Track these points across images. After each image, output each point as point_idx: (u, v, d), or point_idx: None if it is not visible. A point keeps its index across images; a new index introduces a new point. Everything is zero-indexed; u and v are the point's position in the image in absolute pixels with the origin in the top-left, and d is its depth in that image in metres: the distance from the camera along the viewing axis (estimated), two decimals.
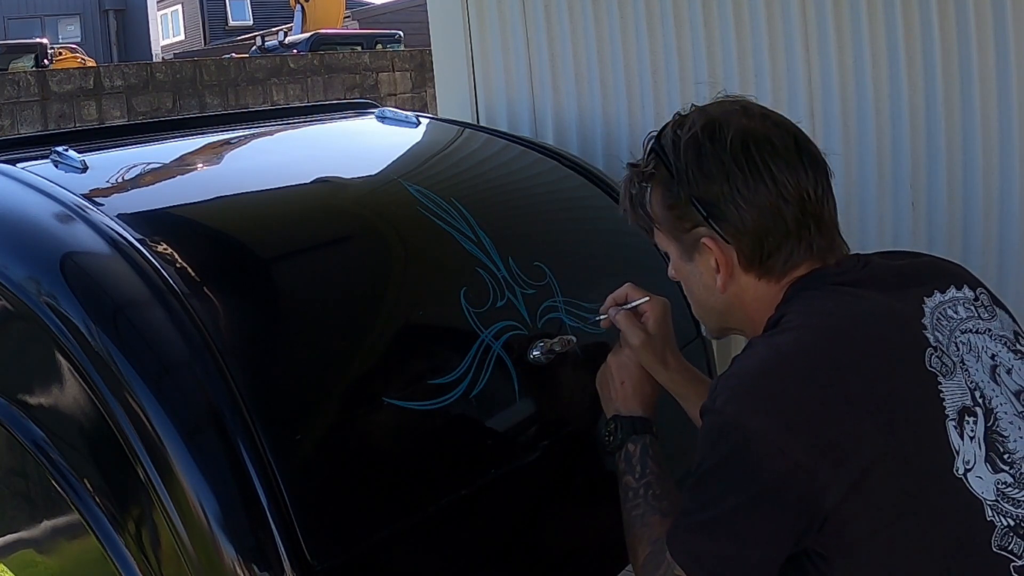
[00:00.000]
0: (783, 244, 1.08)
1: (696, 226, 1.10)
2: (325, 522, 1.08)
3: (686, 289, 1.20)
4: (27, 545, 1.30)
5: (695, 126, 1.11)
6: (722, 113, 1.12)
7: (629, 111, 2.11)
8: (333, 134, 1.92)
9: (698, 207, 1.09)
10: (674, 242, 1.15)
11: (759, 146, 1.07)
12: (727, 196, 1.07)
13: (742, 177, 1.06)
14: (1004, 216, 1.74)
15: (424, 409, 1.20)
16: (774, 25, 1.90)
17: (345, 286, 1.32)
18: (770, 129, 1.10)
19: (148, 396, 1.03)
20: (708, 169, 1.08)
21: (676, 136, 1.12)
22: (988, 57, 1.70)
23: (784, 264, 1.09)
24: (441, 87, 2.36)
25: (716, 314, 1.18)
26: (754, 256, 1.09)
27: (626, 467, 1.23)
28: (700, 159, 1.09)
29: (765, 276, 1.10)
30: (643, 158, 1.17)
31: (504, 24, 2.23)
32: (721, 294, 1.13)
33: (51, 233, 1.19)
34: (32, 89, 8.05)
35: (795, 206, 1.07)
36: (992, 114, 1.73)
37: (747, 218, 1.07)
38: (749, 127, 1.09)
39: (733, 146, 1.07)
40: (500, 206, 1.66)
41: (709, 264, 1.12)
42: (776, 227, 1.07)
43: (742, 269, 1.10)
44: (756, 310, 1.11)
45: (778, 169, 1.07)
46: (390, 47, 12.55)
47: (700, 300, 1.18)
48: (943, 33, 1.73)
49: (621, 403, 1.29)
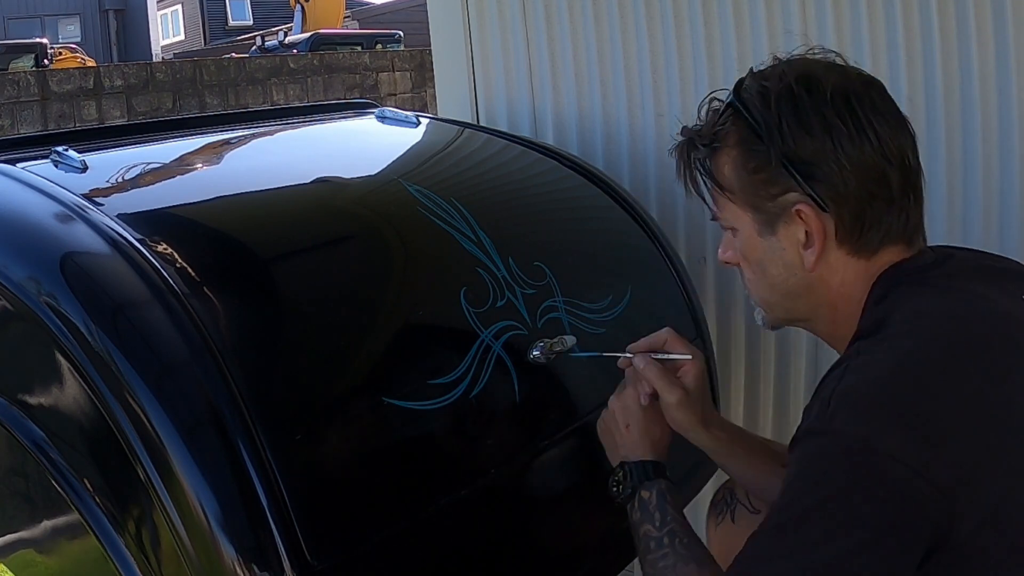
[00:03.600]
0: (885, 214, 0.96)
1: (786, 191, 0.97)
2: (325, 522, 1.07)
3: (754, 271, 1.05)
4: (27, 545, 1.30)
5: (787, 77, 0.98)
6: (815, 67, 1.00)
7: (629, 111, 2.11)
8: (333, 134, 1.92)
9: (791, 169, 0.95)
10: (751, 212, 1.01)
11: (861, 102, 0.96)
12: (828, 155, 0.94)
13: (846, 133, 0.94)
14: (1004, 216, 1.74)
15: (424, 409, 1.20)
16: (774, 25, 1.90)
17: (345, 286, 1.32)
18: (869, 87, 0.99)
19: (148, 396, 1.03)
20: (807, 122, 0.95)
21: (763, 88, 0.98)
22: (988, 57, 1.70)
23: (881, 240, 0.97)
24: (441, 87, 2.36)
25: (791, 299, 1.04)
26: (854, 227, 0.96)
27: (643, 516, 1.11)
28: (796, 112, 0.95)
29: (857, 254, 0.98)
30: (702, 121, 1.04)
31: (504, 24, 2.23)
32: (808, 273, 1.00)
33: (51, 233, 1.19)
34: (32, 89, 8.05)
35: (899, 171, 0.96)
36: (992, 114, 1.73)
37: (850, 181, 0.94)
38: (847, 83, 0.98)
39: (835, 100, 0.95)
40: (500, 206, 1.66)
41: (797, 237, 0.98)
42: (881, 193, 0.95)
43: (836, 243, 0.98)
44: (840, 296, 0.99)
45: (882, 128, 0.95)
46: (390, 47, 12.55)
47: (777, 282, 1.03)
48: (943, 33, 1.73)
49: (628, 449, 1.17)
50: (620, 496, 1.16)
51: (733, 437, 1.21)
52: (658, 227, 1.78)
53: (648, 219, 1.77)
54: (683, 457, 1.30)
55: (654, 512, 1.10)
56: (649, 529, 1.09)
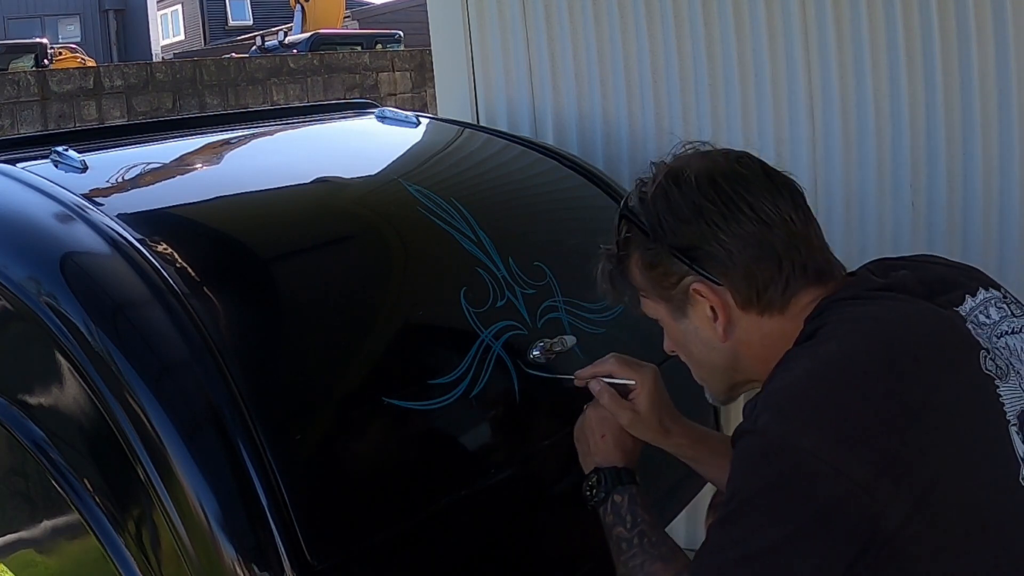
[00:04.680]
0: (776, 273, 1.02)
1: (682, 277, 1.05)
2: (325, 522, 1.07)
3: (686, 356, 1.14)
4: (27, 545, 1.30)
5: (658, 178, 1.08)
6: (681, 162, 1.09)
7: (629, 111, 2.11)
8: (333, 134, 1.92)
9: (679, 256, 1.04)
10: (663, 303, 1.10)
11: (727, 179, 1.04)
12: (706, 235, 1.02)
13: (717, 211, 1.02)
14: (1004, 216, 1.75)
15: (424, 409, 1.20)
16: (774, 25, 1.90)
17: (345, 286, 1.31)
18: (733, 163, 1.07)
19: (148, 396, 1.03)
20: (681, 213, 1.04)
21: (642, 194, 1.09)
22: (988, 57, 1.70)
23: (783, 294, 1.03)
24: (441, 87, 2.36)
25: (722, 371, 1.11)
26: (750, 291, 1.03)
27: (615, 519, 1.17)
28: (670, 205, 1.05)
29: (768, 312, 1.04)
30: (613, 237, 1.13)
31: (504, 24, 2.23)
32: (723, 344, 1.06)
33: (51, 233, 1.19)
34: (32, 89, 8.05)
35: (780, 229, 1.02)
36: (992, 114, 1.73)
37: (733, 252, 1.02)
38: (712, 166, 1.07)
39: (700, 184, 1.04)
40: (500, 206, 1.66)
41: (704, 314, 1.06)
42: (765, 255, 1.02)
43: (740, 310, 1.04)
44: (769, 349, 1.03)
45: (752, 197, 1.03)
46: (390, 47, 12.55)
47: (703, 360, 1.11)
48: (943, 33, 1.73)
49: (602, 456, 1.23)
50: (593, 500, 1.21)
51: (695, 441, 1.27)
52: None
53: None
54: (680, 462, 1.30)
55: (625, 515, 1.16)
56: (621, 531, 1.15)
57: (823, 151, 1.90)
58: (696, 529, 2.12)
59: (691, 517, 2.10)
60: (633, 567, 1.12)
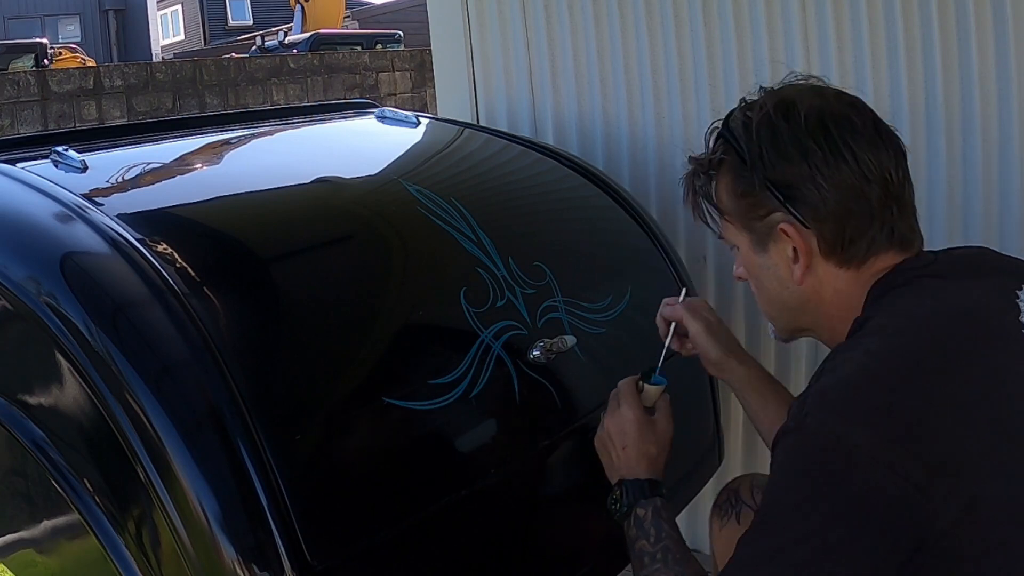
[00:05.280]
0: (867, 228, 1.01)
1: (771, 212, 1.03)
2: (325, 522, 1.08)
3: (756, 286, 1.12)
4: (27, 545, 1.30)
5: (766, 106, 1.04)
6: (795, 93, 1.06)
7: (629, 111, 2.11)
8: (333, 134, 1.92)
9: (774, 191, 1.02)
10: (745, 233, 1.08)
11: (837, 124, 1.01)
12: (806, 177, 1.00)
13: (821, 156, 0.99)
14: (1004, 216, 1.74)
15: (424, 409, 1.20)
16: (774, 25, 1.90)
17: (345, 286, 1.32)
18: (847, 108, 1.04)
19: (148, 396, 1.03)
20: (784, 149, 1.01)
21: (747, 118, 1.05)
22: (988, 57, 1.70)
23: (867, 251, 1.01)
24: (441, 87, 2.36)
25: (789, 311, 1.10)
26: (836, 241, 1.01)
27: (638, 532, 1.15)
28: (775, 139, 1.02)
29: (846, 265, 1.03)
30: (707, 149, 1.10)
31: (504, 24, 2.23)
32: (798, 286, 1.05)
33: (51, 233, 1.19)
34: (32, 89, 8.04)
35: (878, 186, 1.00)
36: (992, 114, 1.73)
37: (828, 199, 1.00)
38: (824, 106, 1.03)
39: (810, 124, 1.01)
40: (500, 206, 1.66)
41: (785, 253, 1.04)
42: (859, 209, 1.00)
43: (822, 257, 1.03)
44: (836, 305, 1.04)
45: (858, 148, 1.00)
46: (390, 47, 12.54)
47: (773, 296, 1.10)
48: (943, 33, 1.73)
49: (625, 468, 1.21)
50: (618, 513, 1.20)
51: (758, 370, 1.32)
52: (658, 227, 1.78)
53: (648, 219, 1.77)
54: (684, 456, 1.30)
55: (649, 528, 1.15)
56: (644, 544, 1.14)
57: None
58: (696, 529, 2.12)
59: (691, 517, 2.10)
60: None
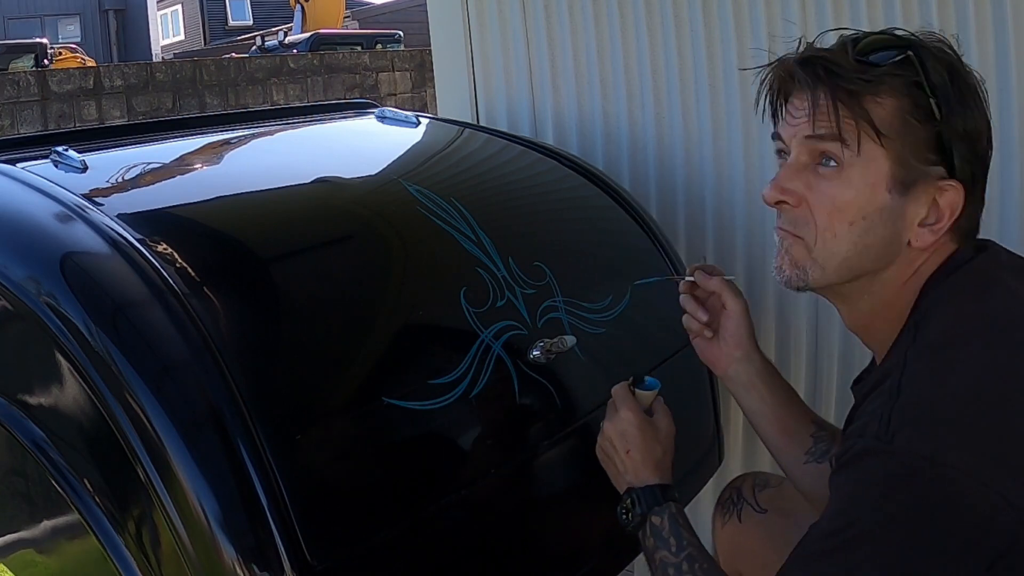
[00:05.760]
0: (979, 209, 0.95)
1: (937, 163, 0.92)
2: (325, 522, 1.07)
3: (837, 217, 0.94)
4: (27, 545, 1.30)
5: (950, 54, 0.94)
6: (974, 76, 0.97)
7: (629, 111, 2.11)
8: (333, 134, 1.92)
9: (954, 142, 0.92)
10: (893, 165, 0.92)
11: (986, 100, 0.96)
12: (983, 136, 0.93)
13: (987, 121, 0.94)
14: (1004, 216, 1.74)
15: (424, 409, 1.20)
16: (774, 26, 1.90)
17: (345, 286, 1.32)
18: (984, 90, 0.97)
19: (148, 396, 1.03)
20: (970, 102, 0.93)
21: (941, 53, 0.94)
22: (988, 57, 1.70)
23: (966, 227, 0.95)
24: (441, 87, 2.36)
25: (863, 261, 0.95)
26: (966, 212, 0.94)
27: (657, 543, 1.08)
28: (965, 89, 0.93)
29: (954, 240, 0.96)
30: (857, 50, 0.96)
31: (504, 24, 2.23)
32: (911, 249, 0.94)
33: (51, 233, 1.19)
34: (32, 89, 8.05)
35: (988, 159, 0.96)
36: (992, 114, 1.72)
37: (984, 163, 0.94)
38: (976, 83, 0.96)
39: (980, 87, 0.94)
40: (500, 206, 1.66)
41: (918, 209, 0.93)
42: (983, 178, 0.94)
43: (948, 233, 0.95)
44: (899, 277, 0.95)
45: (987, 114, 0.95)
46: (390, 47, 12.55)
47: (866, 241, 0.94)
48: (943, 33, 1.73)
49: (633, 475, 1.15)
50: (630, 524, 1.14)
51: (774, 372, 1.23)
52: (658, 227, 1.78)
53: (648, 219, 1.77)
54: (684, 456, 1.30)
55: (668, 537, 1.08)
56: (666, 556, 1.07)
57: None
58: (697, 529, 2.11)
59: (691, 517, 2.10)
60: None
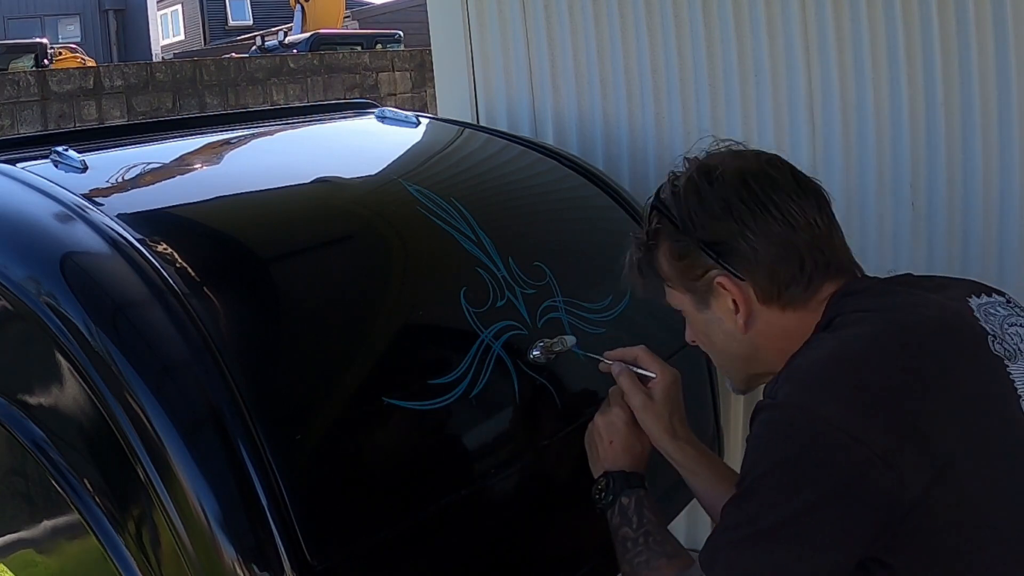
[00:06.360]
0: (798, 272, 1.07)
1: (708, 270, 1.10)
2: (325, 522, 1.08)
3: (707, 345, 1.18)
4: (27, 545, 1.30)
5: (690, 172, 1.13)
6: (715, 158, 1.15)
7: (629, 111, 2.11)
8: (333, 134, 1.92)
9: (707, 250, 1.09)
10: (687, 294, 1.14)
11: (757, 180, 1.09)
12: (734, 232, 1.07)
13: (747, 210, 1.07)
14: (1004, 216, 1.75)
15: (424, 409, 1.20)
16: (774, 25, 1.90)
17: (345, 286, 1.32)
18: (764, 165, 1.12)
19: (148, 396, 1.03)
20: (711, 209, 1.09)
21: (674, 188, 1.13)
22: (988, 57, 1.70)
23: (805, 291, 1.08)
24: (441, 87, 2.36)
25: (741, 361, 1.16)
26: (771, 288, 1.08)
27: (621, 520, 1.20)
28: (701, 201, 1.09)
29: (790, 306, 1.09)
30: (643, 227, 1.18)
31: (504, 24, 2.23)
32: (743, 335, 1.11)
33: (51, 233, 1.19)
34: (32, 89, 8.05)
35: (805, 233, 1.07)
36: (992, 114, 1.73)
37: (758, 250, 1.06)
38: (743, 165, 1.11)
39: (731, 182, 1.09)
40: (500, 206, 1.66)
41: (726, 306, 1.10)
42: (789, 255, 1.07)
43: (761, 304, 1.09)
44: (789, 341, 1.08)
45: (780, 199, 1.07)
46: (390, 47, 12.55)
47: (723, 350, 1.16)
48: (943, 33, 1.73)
49: (610, 461, 1.26)
50: (602, 503, 1.24)
51: (698, 452, 1.28)
52: None
53: None
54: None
55: (632, 516, 1.19)
56: (627, 532, 1.18)
57: (823, 151, 1.90)
58: (696, 529, 2.12)
59: (691, 517, 2.10)
60: (638, 564, 1.15)
